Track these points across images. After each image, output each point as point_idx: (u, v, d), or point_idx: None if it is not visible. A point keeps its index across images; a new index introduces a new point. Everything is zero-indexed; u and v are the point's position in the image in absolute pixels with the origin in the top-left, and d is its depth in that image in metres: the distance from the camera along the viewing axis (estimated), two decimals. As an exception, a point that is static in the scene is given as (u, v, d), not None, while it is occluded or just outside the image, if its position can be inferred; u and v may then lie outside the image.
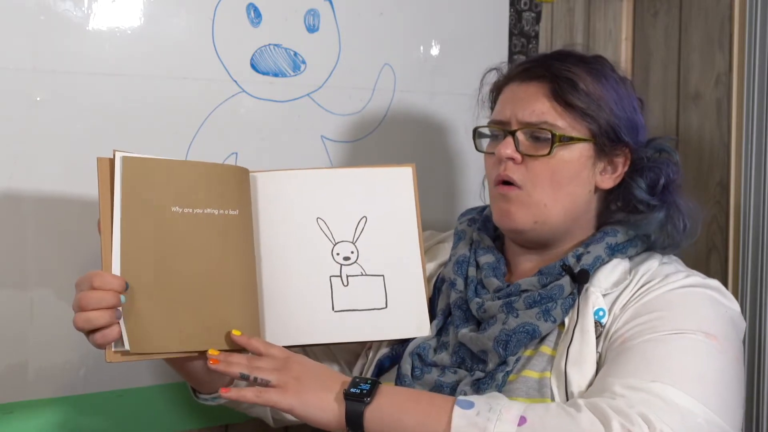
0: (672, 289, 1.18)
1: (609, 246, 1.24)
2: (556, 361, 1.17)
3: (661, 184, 1.27)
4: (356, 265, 1.28)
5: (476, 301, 1.25)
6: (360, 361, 1.35)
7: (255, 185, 1.27)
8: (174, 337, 1.15)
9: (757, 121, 1.67)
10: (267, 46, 1.50)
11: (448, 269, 1.32)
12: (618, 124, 1.24)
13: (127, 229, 1.12)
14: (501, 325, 1.19)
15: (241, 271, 1.22)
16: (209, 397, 1.32)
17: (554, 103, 1.23)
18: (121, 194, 1.12)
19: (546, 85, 1.24)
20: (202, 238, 1.18)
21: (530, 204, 1.23)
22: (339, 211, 1.29)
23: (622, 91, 1.27)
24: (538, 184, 1.23)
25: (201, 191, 1.19)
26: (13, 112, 1.29)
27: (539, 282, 1.22)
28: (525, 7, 1.82)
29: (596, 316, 1.18)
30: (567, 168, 1.23)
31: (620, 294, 1.20)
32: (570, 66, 1.25)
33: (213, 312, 1.18)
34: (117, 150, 1.14)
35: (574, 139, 1.23)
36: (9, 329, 1.30)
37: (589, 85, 1.23)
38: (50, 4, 1.31)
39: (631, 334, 1.13)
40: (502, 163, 1.24)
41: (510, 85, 1.29)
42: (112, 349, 1.11)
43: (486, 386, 1.16)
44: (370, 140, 1.62)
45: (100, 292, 1.09)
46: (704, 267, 1.76)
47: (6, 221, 1.29)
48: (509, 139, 1.23)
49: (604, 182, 1.28)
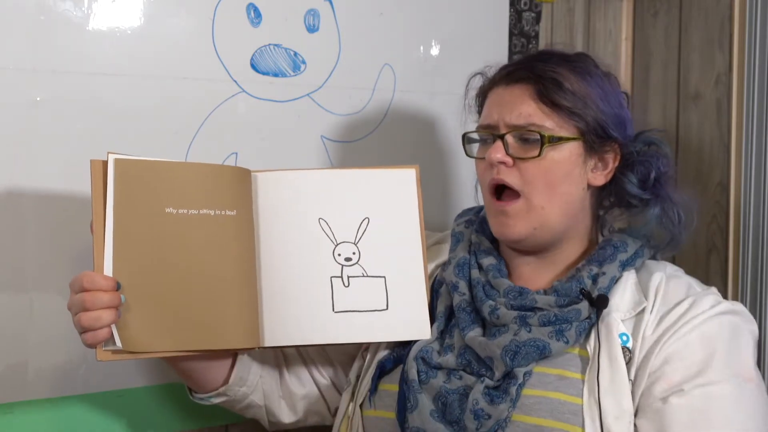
0: (704, 321, 1.17)
1: (621, 263, 1.24)
2: (587, 390, 1.16)
3: (652, 178, 1.27)
4: (357, 266, 1.27)
5: (489, 303, 1.24)
6: (356, 362, 1.34)
7: (256, 185, 1.27)
8: (166, 337, 1.15)
9: (757, 121, 1.67)
10: (267, 46, 1.50)
11: (448, 272, 1.31)
12: (605, 121, 1.25)
13: (119, 230, 1.13)
14: (512, 336, 1.19)
15: (239, 271, 1.21)
16: (205, 397, 1.32)
17: (540, 104, 1.23)
18: (113, 196, 1.14)
19: (531, 86, 1.24)
20: (198, 239, 1.18)
21: (529, 210, 1.23)
22: (341, 211, 1.29)
23: (607, 87, 1.27)
24: (535, 186, 1.23)
25: (196, 192, 1.19)
26: (13, 112, 1.29)
27: (556, 303, 1.21)
28: (525, 7, 1.82)
29: (621, 341, 1.18)
30: (558, 168, 1.23)
31: (641, 317, 1.19)
32: (554, 66, 1.25)
33: (207, 312, 1.18)
34: (111, 152, 1.15)
35: (563, 138, 1.23)
36: (9, 329, 1.30)
37: (573, 83, 1.23)
38: (50, 4, 1.31)
39: (671, 388, 1.14)
40: (493, 167, 1.24)
41: (495, 89, 1.29)
42: (103, 348, 1.12)
43: (500, 400, 1.15)
44: (370, 140, 1.62)
45: (90, 293, 1.09)
46: (704, 267, 1.76)
47: (6, 221, 1.29)
48: (498, 143, 1.23)
49: (596, 179, 1.28)
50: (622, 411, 1.14)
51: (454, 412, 1.17)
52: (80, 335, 1.11)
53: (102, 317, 1.09)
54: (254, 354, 1.35)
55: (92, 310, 1.09)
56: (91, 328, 1.10)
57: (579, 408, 1.14)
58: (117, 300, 1.11)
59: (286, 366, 1.39)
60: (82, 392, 1.37)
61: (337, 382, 1.41)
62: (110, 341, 1.11)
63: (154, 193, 1.16)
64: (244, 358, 1.33)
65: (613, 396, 1.14)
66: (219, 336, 1.19)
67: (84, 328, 1.10)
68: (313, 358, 1.40)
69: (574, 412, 1.15)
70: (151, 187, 1.16)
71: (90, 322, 1.09)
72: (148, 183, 1.16)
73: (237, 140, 1.47)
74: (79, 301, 1.10)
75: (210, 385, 1.30)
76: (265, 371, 1.36)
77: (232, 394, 1.32)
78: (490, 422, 1.14)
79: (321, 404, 1.41)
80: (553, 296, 1.22)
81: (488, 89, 1.31)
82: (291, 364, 1.40)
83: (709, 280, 1.67)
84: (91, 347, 1.12)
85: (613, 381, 1.15)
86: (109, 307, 1.10)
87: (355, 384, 1.31)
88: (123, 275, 1.13)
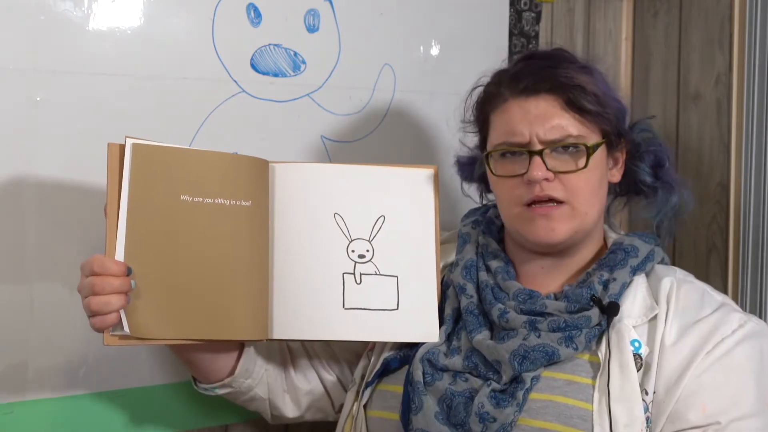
0: (735, 346, 1.16)
1: (632, 268, 1.23)
2: (597, 396, 1.15)
3: (661, 164, 1.30)
4: (371, 263, 1.27)
5: (498, 307, 1.23)
6: (362, 361, 1.34)
7: (273, 176, 1.26)
8: (174, 324, 1.15)
9: (757, 121, 1.67)
10: (267, 46, 1.50)
11: (456, 274, 1.30)
12: (620, 117, 1.26)
13: (133, 215, 1.13)
14: (521, 340, 1.18)
15: (251, 262, 1.21)
16: (210, 387, 1.32)
17: (571, 113, 1.21)
18: (129, 180, 1.13)
19: (557, 96, 1.21)
20: (211, 227, 1.18)
21: (574, 216, 1.22)
22: (357, 207, 1.28)
23: (604, 79, 1.27)
24: (580, 195, 1.21)
25: (212, 181, 1.18)
26: (13, 112, 1.29)
27: (567, 309, 1.20)
28: (525, 7, 1.82)
29: (632, 347, 1.17)
30: (596, 174, 1.23)
31: (654, 324, 1.19)
32: (570, 72, 1.23)
33: (216, 301, 1.18)
34: (128, 136, 1.14)
35: (598, 144, 1.22)
36: (9, 329, 1.30)
37: (590, 85, 1.22)
38: (50, 4, 1.31)
39: (707, 417, 1.13)
40: (531, 184, 1.20)
41: (512, 102, 1.23)
42: (110, 333, 1.11)
43: (507, 403, 1.14)
44: (370, 140, 1.62)
45: (101, 277, 1.09)
46: (704, 267, 1.76)
47: (6, 221, 1.29)
48: (537, 160, 1.19)
49: (614, 176, 1.29)
50: (633, 418, 1.13)
51: (459, 414, 1.16)
52: (89, 319, 1.11)
53: (111, 302, 1.09)
54: (260, 347, 1.35)
55: (102, 295, 1.08)
56: (100, 313, 1.09)
57: (588, 413, 1.14)
58: (127, 285, 1.10)
59: (292, 361, 1.39)
60: (83, 392, 1.37)
61: (342, 379, 1.40)
62: (118, 326, 1.11)
63: (170, 179, 1.16)
64: (251, 350, 1.32)
65: (623, 404, 1.13)
66: (227, 326, 1.19)
67: (93, 312, 1.09)
68: (318, 355, 1.40)
69: (583, 417, 1.14)
70: (167, 173, 1.16)
71: (99, 306, 1.09)
72: (164, 169, 1.15)
73: (237, 140, 1.47)
74: (89, 285, 1.09)
75: (215, 375, 1.30)
76: (270, 365, 1.36)
77: (237, 385, 1.32)
78: (495, 425, 1.13)
79: (325, 401, 1.41)
80: (564, 302, 1.21)
81: (499, 102, 1.25)
82: (297, 359, 1.40)
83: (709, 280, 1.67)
84: (99, 331, 1.11)
85: (624, 389, 1.14)
86: (119, 293, 1.09)
87: (359, 384, 1.31)
88: (134, 261, 1.12)
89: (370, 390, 1.27)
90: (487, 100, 1.28)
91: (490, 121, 1.27)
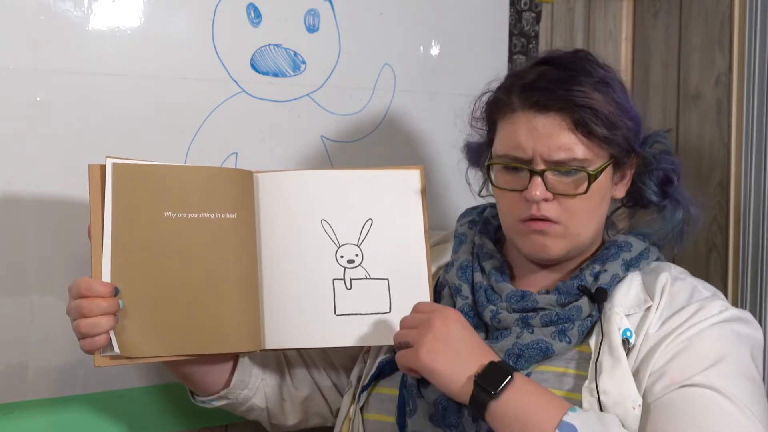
0: (711, 326, 1.15)
1: (625, 262, 1.23)
2: (586, 384, 1.14)
3: (669, 182, 1.27)
4: (360, 268, 1.26)
5: (490, 308, 1.22)
6: (358, 365, 1.34)
7: (258, 186, 1.26)
8: (165, 342, 1.15)
9: (757, 121, 1.67)
10: (267, 46, 1.50)
11: (451, 275, 1.30)
12: (631, 137, 1.22)
13: (117, 235, 1.13)
14: (515, 338, 1.18)
15: (239, 274, 1.21)
16: (207, 400, 1.32)
17: (578, 135, 1.17)
18: (111, 201, 1.13)
19: (566, 116, 1.17)
20: (197, 242, 1.18)
21: (567, 236, 1.21)
22: (344, 213, 1.27)
23: (622, 93, 1.24)
24: (575, 218, 1.20)
25: (195, 195, 1.18)
26: (13, 112, 1.29)
27: (558, 301, 1.20)
28: (525, 7, 1.82)
29: (623, 335, 1.16)
30: (597, 196, 1.21)
31: (647, 315, 1.18)
32: (584, 89, 1.18)
33: (206, 315, 1.18)
34: (109, 156, 1.15)
35: (603, 168, 1.20)
36: (9, 329, 1.30)
37: (603, 105, 1.18)
38: (50, 4, 1.31)
39: (675, 384, 1.12)
40: (529, 202, 1.19)
41: (521, 114, 1.19)
42: (101, 354, 1.12)
43: None
44: (370, 140, 1.62)
45: (88, 299, 1.09)
46: (704, 267, 1.76)
47: (6, 221, 1.29)
48: (538, 180, 1.17)
49: (618, 192, 1.27)
50: (623, 396, 1.12)
51: (452, 416, 1.16)
52: (79, 341, 1.11)
53: (100, 324, 1.09)
54: (255, 356, 1.35)
55: (90, 317, 1.09)
56: (89, 335, 1.09)
57: (578, 403, 1.14)
58: (115, 306, 1.11)
59: (288, 368, 1.39)
60: (82, 392, 1.37)
61: (339, 383, 1.40)
62: (108, 347, 1.11)
63: (153, 197, 1.16)
64: (245, 361, 1.32)
65: (612, 381, 1.13)
66: (219, 340, 1.19)
67: (82, 335, 1.10)
68: (315, 361, 1.40)
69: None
70: (149, 191, 1.16)
71: (88, 328, 1.09)
72: (146, 187, 1.16)
73: (237, 140, 1.47)
74: (77, 308, 1.09)
75: (211, 388, 1.30)
76: (266, 374, 1.36)
77: (234, 397, 1.32)
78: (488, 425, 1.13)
79: (323, 406, 1.40)
80: (555, 295, 1.21)
81: (508, 111, 1.22)
82: (293, 367, 1.39)
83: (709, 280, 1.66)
84: (89, 353, 1.12)
85: (614, 368, 1.13)
86: (107, 314, 1.10)
87: (356, 387, 1.30)
88: (121, 280, 1.12)
89: (366, 393, 1.26)
90: (497, 105, 1.25)
91: (497, 126, 1.25)
